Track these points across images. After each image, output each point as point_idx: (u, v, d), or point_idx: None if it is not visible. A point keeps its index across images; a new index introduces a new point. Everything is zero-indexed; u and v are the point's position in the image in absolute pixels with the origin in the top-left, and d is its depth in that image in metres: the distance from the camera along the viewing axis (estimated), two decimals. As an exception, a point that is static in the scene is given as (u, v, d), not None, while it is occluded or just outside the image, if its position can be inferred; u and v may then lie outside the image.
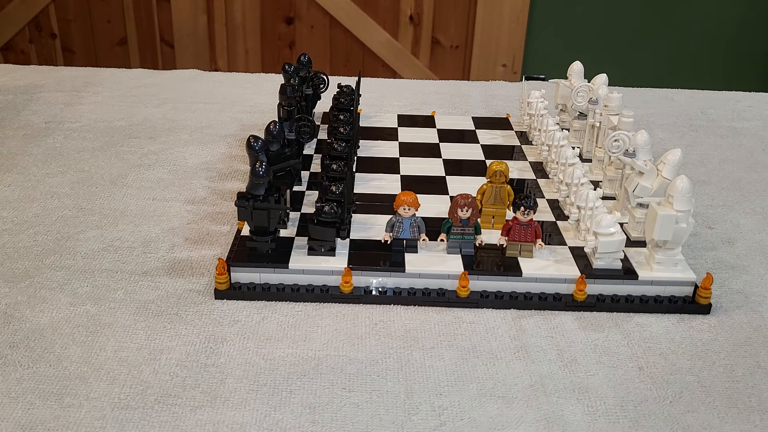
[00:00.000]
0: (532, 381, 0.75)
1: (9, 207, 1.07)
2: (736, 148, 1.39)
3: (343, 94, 1.21)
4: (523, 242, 0.90)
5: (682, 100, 1.66)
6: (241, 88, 1.64)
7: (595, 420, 0.70)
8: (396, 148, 1.25)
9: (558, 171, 1.09)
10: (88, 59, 2.75)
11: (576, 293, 0.87)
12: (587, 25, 2.64)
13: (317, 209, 0.88)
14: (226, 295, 0.87)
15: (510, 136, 1.32)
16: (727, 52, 2.70)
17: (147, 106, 1.50)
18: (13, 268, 0.92)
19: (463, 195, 0.89)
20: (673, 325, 0.85)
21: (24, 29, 2.71)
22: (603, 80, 1.22)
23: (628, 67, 2.66)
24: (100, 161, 1.23)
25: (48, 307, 0.84)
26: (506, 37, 2.62)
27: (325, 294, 0.87)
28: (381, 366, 0.76)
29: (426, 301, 0.87)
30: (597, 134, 1.18)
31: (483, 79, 2.30)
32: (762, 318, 0.87)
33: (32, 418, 0.68)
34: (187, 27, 2.67)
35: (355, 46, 2.69)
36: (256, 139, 0.93)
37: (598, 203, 0.92)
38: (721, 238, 1.05)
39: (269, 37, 2.70)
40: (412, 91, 1.67)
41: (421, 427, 0.69)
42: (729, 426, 0.70)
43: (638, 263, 0.89)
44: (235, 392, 0.72)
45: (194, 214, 1.07)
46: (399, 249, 0.91)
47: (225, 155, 1.27)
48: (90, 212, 1.06)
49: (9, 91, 1.56)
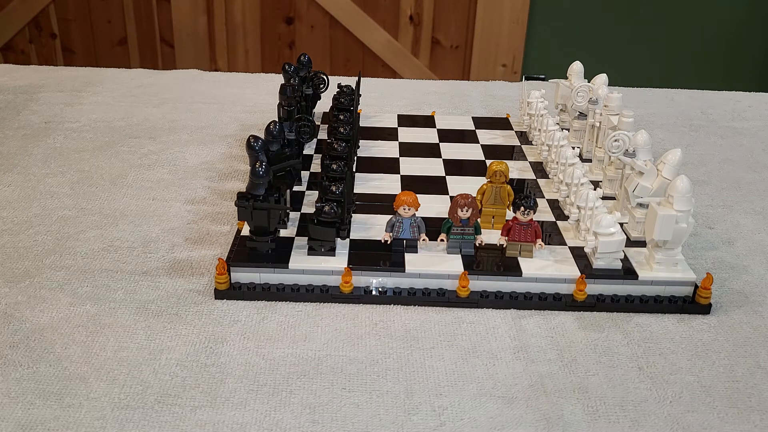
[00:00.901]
0: (532, 381, 0.75)
1: (9, 207, 1.07)
2: (736, 148, 1.39)
3: (343, 94, 1.21)
4: (523, 242, 0.90)
5: (682, 100, 1.66)
6: (241, 88, 1.64)
7: (595, 420, 0.70)
8: (396, 148, 1.25)
9: (558, 171, 1.09)
10: (88, 59, 2.75)
11: (576, 293, 0.87)
12: (587, 25, 2.64)
13: (317, 209, 0.88)
14: (226, 295, 0.87)
15: (510, 136, 1.32)
16: (727, 52, 2.70)
17: (147, 106, 1.50)
18: (13, 268, 0.92)
19: (463, 195, 0.89)
20: (673, 325, 0.85)
21: (24, 29, 2.71)
22: (603, 80, 1.22)
23: (628, 67, 2.66)
24: (100, 161, 1.23)
25: (48, 307, 0.84)
26: (506, 37, 2.62)
27: (325, 294, 0.87)
28: (381, 366, 0.76)
29: (426, 301, 0.87)
30: (597, 134, 1.18)
31: (483, 79, 2.30)
32: (762, 318, 0.87)
33: (32, 418, 0.68)
34: (187, 27, 2.67)
35: (355, 46, 2.69)
36: (256, 139, 0.93)
37: (598, 203, 0.92)
38: (721, 238, 1.05)
39: (269, 37, 2.70)
40: (412, 91, 1.67)
41: (421, 427, 0.69)
42: (729, 426, 0.70)
43: (638, 263, 0.89)
44: (235, 392, 0.72)
45: (194, 214, 1.07)
46: (399, 249, 0.91)
47: (225, 155, 1.27)
48: (90, 212, 1.06)
49: (9, 91, 1.56)
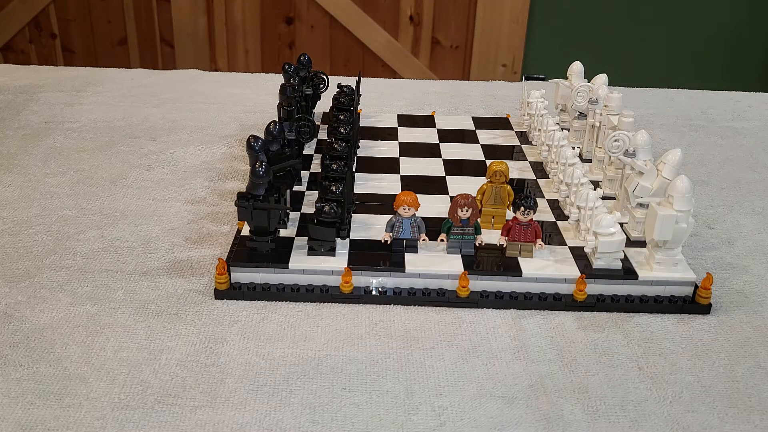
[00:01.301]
0: (532, 381, 0.75)
1: (9, 207, 1.07)
2: (736, 148, 1.39)
3: (343, 94, 1.21)
4: (523, 242, 0.90)
5: (682, 100, 1.66)
6: (241, 88, 1.64)
7: (595, 420, 0.70)
8: (396, 148, 1.25)
9: (558, 171, 1.09)
10: (88, 59, 2.75)
11: (576, 293, 0.87)
12: (587, 25, 2.64)
13: (317, 209, 0.88)
14: (226, 295, 0.87)
15: (510, 136, 1.32)
16: (726, 52, 2.70)
17: (147, 106, 1.50)
18: (13, 268, 0.92)
19: (463, 195, 0.89)
20: (673, 325, 0.85)
21: (24, 29, 2.71)
22: (603, 80, 1.22)
23: (628, 67, 2.66)
24: (100, 161, 1.23)
25: (48, 307, 0.84)
26: (506, 37, 2.62)
27: (325, 294, 0.87)
28: (381, 366, 0.76)
29: (426, 301, 0.87)
30: (597, 134, 1.18)
31: (483, 79, 2.30)
32: (762, 318, 0.87)
33: (32, 418, 0.68)
34: (187, 27, 2.67)
35: (355, 46, 2.69)
36: (256, 139, 0.93)
37: (598, 203, 0.92)
38: (721, 238, 1.05)
39: (269, 37, 2.70)
40: (412, 91, 1.67)
41: (421, 427, 0.69)
42: (729, 426, 0.70)
43: (638, 263, 0.89)
44: (235, 392, 0.72)
45: (194, 214, 1.07)
46: (399, 249, 0.91)
47: (225, 155, 1.27)
48: (90, 212, 1.06)
49: (9, 91, 1.56)
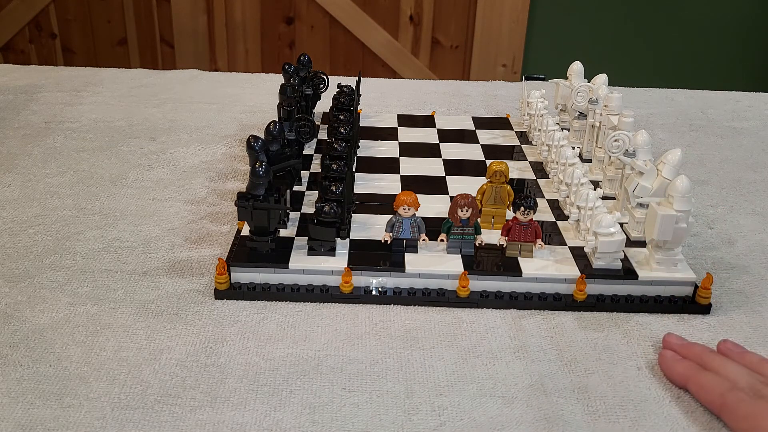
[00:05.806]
0: (531, 381, 0.75)
1: (9, 207, 1.07)
2: (736, 148, 1.39)
3: (343, 94, 1.21)
4: (523, 242, 0.90)
5: (682, 100, 1.66)
6: (241, 88, 1.64)
7: (595, 420, 0.70)
8: (396, 148, 1.25)
9: (558, 171, 1.09)
10: (88, 59, 2.75)
11: (576, 293, 0.87)
12: (587, 24, 2.64)
13: (317, 209, 0.88)
14: (226, 295, 0.87)
15: (510, 136, 1.32)
16: (726, 52, 2.70)
17: (147, 106, 1.50)
18: (13, 268, 0.92)
19: (463, 195, 0.89)
20: (673, 325, 0.85)
21: (24, 29, 2.72)
22: (603, 80, 1.22)
23: (628, 67, 2.66)
24: (100, 161, 1.23)
25: (48, 307, 0.84)
26: (506, 37, 2.62)
27: (325, 294, 0.86)
28: (381, 366, 0.76)
29: (426, 301, 0.87)
30: (597, 134, 1.18)
31: (483, 79, 2.29)
32: (762, 318, 0.87)
33: (32, 418, 0.68)
34: (187, 27, 2.67)
35: (355, 46, 2.69)
36: (256, 139, 0.93)
37: (598, 203, 0.92)
38: (721, 238, 1.05)
39: (269, 37, 2.70)
40: (412, 91, 1.67)
41: (421, 427, 0.69)
42: (729, 426, 0.70)
43: (638, 263, 0.89)
44: (235, 392, 0.72)
45: (194, 214, 1.07)
46: (399, 249, 0.91)
47: (225, 155, 1.27)
48: (90, 212, 1.06)
49: (9, 91, 1.56)
